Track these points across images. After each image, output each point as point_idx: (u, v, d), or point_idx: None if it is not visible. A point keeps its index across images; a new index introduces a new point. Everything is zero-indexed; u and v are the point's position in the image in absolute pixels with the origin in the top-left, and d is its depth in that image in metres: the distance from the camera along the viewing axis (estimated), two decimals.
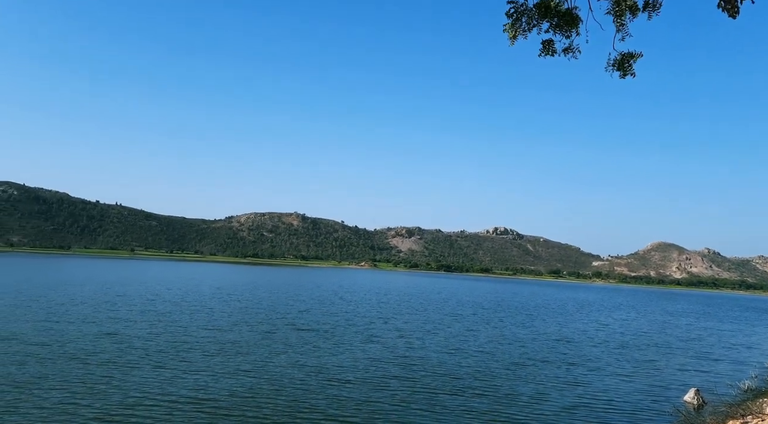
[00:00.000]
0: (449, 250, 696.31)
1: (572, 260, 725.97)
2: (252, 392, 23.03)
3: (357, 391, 24.41)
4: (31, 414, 18.23)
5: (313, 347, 35.16)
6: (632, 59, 13.01)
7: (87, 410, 19.04)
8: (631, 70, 13.12)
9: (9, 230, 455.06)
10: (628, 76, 13.27)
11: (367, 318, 55.83)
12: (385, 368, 29.76)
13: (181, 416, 19.20)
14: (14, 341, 30.38)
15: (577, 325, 64.96)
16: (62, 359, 26.79)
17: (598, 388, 28.80)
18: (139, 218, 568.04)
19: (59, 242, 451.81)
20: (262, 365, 28.61)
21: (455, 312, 71.41)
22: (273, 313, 55.03)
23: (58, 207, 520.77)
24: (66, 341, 31.36)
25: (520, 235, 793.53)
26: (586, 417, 22.90)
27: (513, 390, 26.66)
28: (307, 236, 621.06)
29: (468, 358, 34.98)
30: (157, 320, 43.23)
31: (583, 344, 46.76)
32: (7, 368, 24.27)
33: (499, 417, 21.83)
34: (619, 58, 13.04)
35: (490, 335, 48.54)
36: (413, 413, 21.59)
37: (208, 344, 33.61)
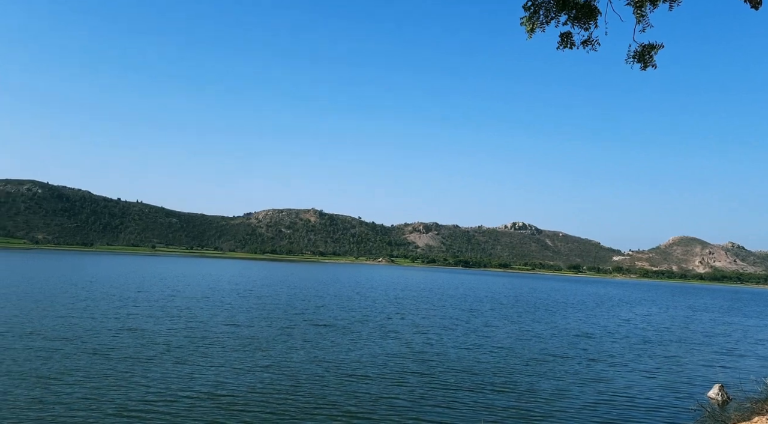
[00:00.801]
0: (467, 245, 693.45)
1: (592, 255, 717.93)
2: (271, 387, 23.14)
3: (375, 386, 24.40)
4: (55, 408, 18.56)
5: (331, 343, 35.25)
6: (653, 51, 12.71)
7: (108, 404, 19.31)
8: (652, 62, 12.82)
9: (34, 228, 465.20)
10: (649, 68, 12.98)
11: (384, 314, 55.84)
12: (403, 364, 29.71)
13: (201, 411, 19.37)
14: (39, 337, 30.98)
15: (598, 320, 64.17)
16: (85, 354, 27.24)
17: (619, 384, 28.39)
18: (159, 215, 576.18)
19: (82, 239, 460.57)
20: (281, 360, 28.76)
21: (473, 308, 71.07)
22: (291, 309, 55.34)
23: (81, 205, 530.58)
24: (88, 337, 31.90)
25: (539, 230, 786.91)
26: (607, 413, 22.58)
27: (533, 386, 26.40)
28: (324, 232, 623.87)
29: (486, 354, 34.76)
30: (177, 316, 43.76)
31: (603, 339, 46.17)
32: (33, 362, 24.75)
33: (518, 413, 21.63)
34: (640, 50, 12.75)
35: (509, 330, 48.19)
36: (431, 409, 21.50)
37: (227, 340, 33.91)
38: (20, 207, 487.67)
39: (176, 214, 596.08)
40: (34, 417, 17.56)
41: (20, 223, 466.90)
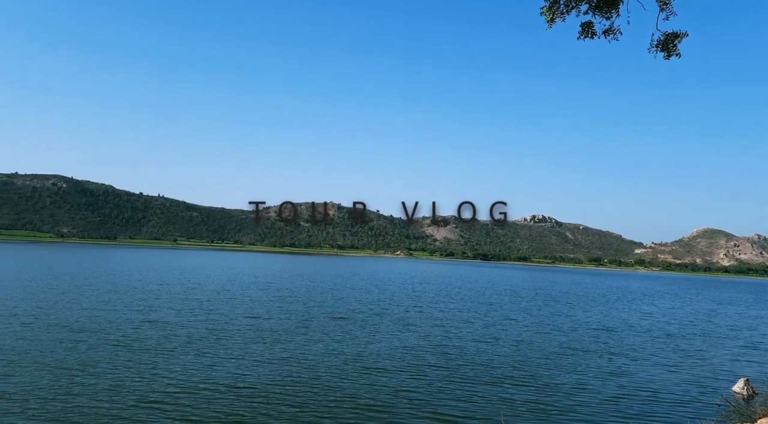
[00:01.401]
0: (486, 238, 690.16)
1: (613, 248, 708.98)
2: (290, 379, 23.32)
3: (394, 379, 24.42)
4: (80, 398, 18.94)
5: (350, 336, 35.38)
6: (677, 39, 12.44)
7: (130, 395, 19.65)
8: (675, 51, 12.55)
9: (59, 222, 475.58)
10: (672, 57, 12.70)
11: (402, 307, 55.89)
12: (422, 357, 29.69)
13: (221, 403, 19.61)
14: (64, 328, 31.67)
15: (619, 314, 63.38)
16: (108, 345, 27.76)
17: (642, 378, 27.99)
18: (180, 208, 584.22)
19: (106, 233, 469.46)
20: (300, 352, 28.96)
21: (492, 301, 70.75)
22: (310, 301, 55.69)
23: (104, 199, 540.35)
24: (112, 329, 32.50)
25: (559, 222, 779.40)
26: (629, 408, 22.28)
27: (553, 380, 26.17)
28: (343, 225, 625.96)
29: (505, 347, 34.57)
30: (198, 308, 44.35)
31: (625, 333, 45.57)
32: (59, 353, 25.30)
33: (538, 407, 21.46)
34: (663, 39, 12.47)
35: (528, 324, 47.86)
36: (450, 402, 21.45)
37: (247, 332, 34.26)
38: (46, 201, 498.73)
39: (197, 208, 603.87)
40: (60, 407, 17.95)
41: (46, 217, 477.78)
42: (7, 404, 17.93)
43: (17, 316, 35.23)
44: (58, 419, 16.89)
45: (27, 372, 21.77)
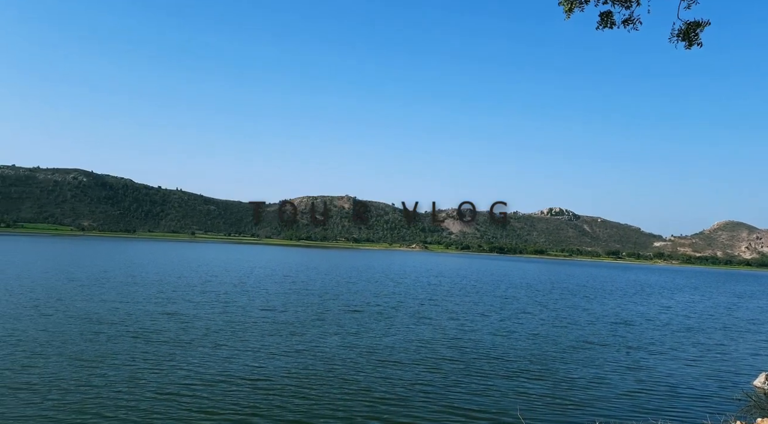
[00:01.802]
0: (501, 231, 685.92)
1: (632, 241, 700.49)
2: (305, 371, 23.41)
3: (409, 372, 24.40)
4: (99, 388, 19.23)
5: (365, 328, 35.44)
6: (699, 28, 12.08)
7: (149, 386, 19.89)
8: (697, 40, 12.20)
9: (80, 215, 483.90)
10: (694, 47, 12.37)
11: (418, 300, 55.83)
12: (437, 350, 29.62)
13: (238, 393, 19.76)
14: (86, 320, 32.18)
15: (638, 307, 62.61)
16: (127, 337, 28.15)
17: (661, 372, 27.61)
18: (198, 202, 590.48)
19: (125, 226, 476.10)
20: (316, 345, 29.08)
21: (508, 294, 70.36)
22: (325, 294, 55.91)
23: (124, 193, 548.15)
24: (131, 321, 32.95)
25: (576, 215, 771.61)
26: (648, 402, 21.99)
27: (569, 374, 25.93)
28: (358, 218, 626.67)
29: (521, 341, 34.33)
30: (215, 301, 44.77)
31: (643, 327, 44.99)
32: (80, 345, 25.72)
33: (555, 402, 21.27)
34: (685, 28, 12.13)
35: (545, 317, 47.49)
36: (466, 395, 21.35)
37: (263, 324, 34.49)
38: (67, 195, 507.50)
39: (214, 201, 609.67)
40: (80, 398, 18.23)
41: (67, 210, 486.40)
42: (29, 394, 18.27)
43: (39, 308, 35.90)
44: (79, 409, 17.16)
45: (48, 363, 22.16)
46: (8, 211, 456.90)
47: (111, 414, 16.91)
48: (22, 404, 17.30)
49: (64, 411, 16.88)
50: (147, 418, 16.81)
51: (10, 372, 20.51)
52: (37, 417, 16.32)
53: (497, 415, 19.18)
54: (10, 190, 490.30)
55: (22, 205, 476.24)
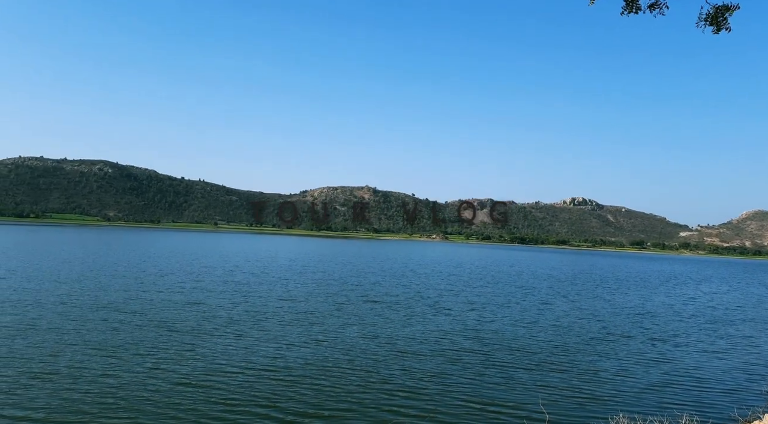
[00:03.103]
0: (523, 222, 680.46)
1: (657, 231, 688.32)
2: (325, 362, 23.45)
3: (429, 363, 24.26)
4: (124, 377, 19.52)
5: (385, 319, 35.39)
6: (728, 12, 11.63)
7: (172, 376, 20.12)
8: (726, 25, 11.77)
9: (106, 206, 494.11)
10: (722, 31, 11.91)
11: (437, 290, 55.62)
12: (457, 341, 29.42)
13: (258, 383, 19.86)
14: (111, 310, 32.75)
15: (662, 298, 61.45)
16: (151, 326, 28.55)
17: (687, 365, 27.00)
18: (220, 193, 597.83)
19: (150, 216, 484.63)
20: (336, 335, 29.12)
21: (529, 285, 69.70)
22: (345, 285, 56.05)
23: (148, 184, 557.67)
24: (155, 310, 33.43)
25: (600, 205, 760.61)
26: (674, 395, 21.50)
27: (593, 366, 25.51)
28: (378, 209, 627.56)
29: (543, 332, 33.91)
30: (237, 290, 45.20)
31: (668, 318, 44.10)
32: (106, 334, 26.16)
33: (579, 394, 20.92)
34: (713, 12, 11.68)
35: (567, 308, 46.89)
36: (487, 387, 21.13)
37: (284, 314, 34.69)
38: (93, 186, 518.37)
39: (236, 192, 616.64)
40: (104, 386, 18.52)
41: (93, 201, 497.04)
42: (56, 383, 18.62)
43: (65, 297, 36.65)
44: (104, 398, 17.44)
45: (75, 352, 22.58)
46: (37, 201, 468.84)
47: (134, 403, 17.13)
48: (50, 392, 17.64)
49: (90, 400, 17.16)
50: (169, 407, 16.99)
51: (38, 361, 20.94)
52: (65, 405, 16.62)
53: (519, 407, 18.94)
54: (39, 181, 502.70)
55: (50, 195, 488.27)
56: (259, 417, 16.70)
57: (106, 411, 16.32)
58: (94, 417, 15.82)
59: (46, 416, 15.72)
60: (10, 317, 28.66)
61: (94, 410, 16.37)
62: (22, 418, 15.48)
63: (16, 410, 15.98)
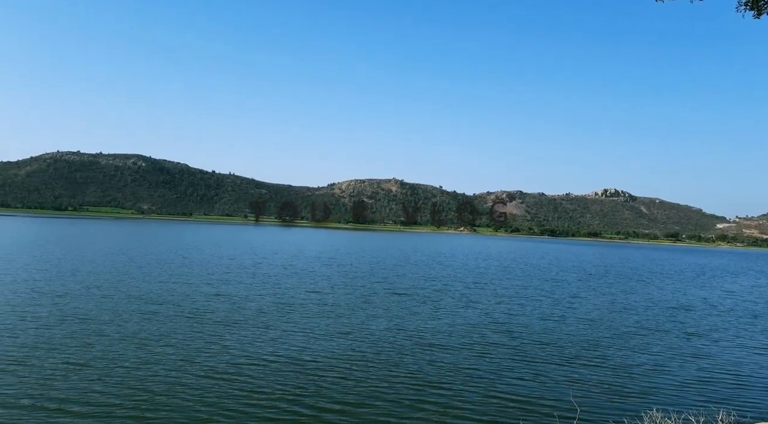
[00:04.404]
0: (553, 214, 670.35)
1: (693, 223, 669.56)
2: (352, 354, 23.46)
3: (456, 356, 24.03)
4: (156, 367, 19.89)
5: (411, 311, 35.26)
6: None
7: (200, 367, 20.41)
8: (767, 9, 11.18)
9: (140, 199, 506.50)
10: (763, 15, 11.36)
11: (464, 283, 55.20)
12: (485, 335, 29.09)
13: (286, 374, 19.98)
14: (142, 300, 33.48)
15: (698, 292, 59.71)
16: (182, 317, 29.06)
17: (725, 360, 26.11)
18: (250, 186, 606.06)
19: (182, 209, 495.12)
20: (362, 328, 29.13)
21: (559, 278, 68.59)
22: (371, 277, 56.10)
23: (180, 177, 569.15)
24: (185, 301, 34.03)
25: (633, 196, 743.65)
26: (714, 392, 20.79)
27: (625, 361, 24.88)
28: (406, 201, 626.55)
29: (573, 326, 33.27)
30: (265, 282, 45.70)
31: (705, 312, 42.80)
32: (137, 324, 26.73)
33: (611, 389, 20.42)
34: None
35: (598, 302, 45.95)
36: (515, 381, 20.80)
37: (310, 306, 34.89)
38: (127, 180, 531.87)
39: (265, 185, 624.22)
40: (137, 376, 18.90)
41: (128, 194, 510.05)
42: (91, 372, 19.09)
43: (100, 288, 37.64)
44: (136, 387, 17.79)
45: (109, 341, 23.13)
46: (74, 195, 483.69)
47: (165, 393, 17.42)
48: (85, 381, 18.09)
49: (123, 389, 17.53)
50: (198, 397, 17.22)
51: (75, 350, 21.51)
52: (99, 394, 17.01)
53: (549, 402, 18.58)
54: (76, 175, 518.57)
55: (86, 189, 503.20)
56: (287, 409, 16.79)
57: (138, 400, 16.63)
58: (127, 406, 16.14)
59: (83, 404, 16.10)
60: (48, 308, 29.55)
61: (126, 399, 16.71)
62: (61, 407, 15.90)
63: (53, 400, 16.42)
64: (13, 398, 16.13)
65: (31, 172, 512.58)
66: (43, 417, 15.03)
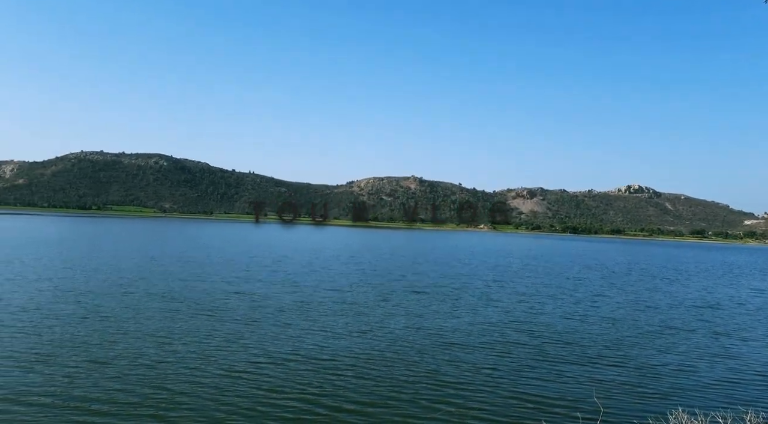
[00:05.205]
0: (575, 211, 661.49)
1: (719, 219, 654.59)
2: (371, 352, 23.35)
3: (476, 355, 23.76)
4: (177, 364, 20.04)
5: (430, 310, 35.03)
6: None
7: (221, 363, 20.51)
8: None
9: (162, 198, 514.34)
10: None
11: (484, 281, 54.72)
12: (505, 334, 28.73)
13: (304, 373, 19.95)
14: (163, 298, 33.86)
15: (726, 290, 58.28)
16: (201, 315, 29.29)
17: (755, 361, 25.35)
18: (270, 184, 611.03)
19: (203, 208, 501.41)
20: (381, 326, 29.00)
21: (581, 276, 67.61)
22: (390, 275, 55.96)
23: (201, 176, 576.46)
24: (205, 300, 34.32)
25: (657, 192, 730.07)
26: (744, 394, 20.17)
27: (650, 361, 24.31)
28: (424, 199, 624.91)
29: (596, 325, 32.68)
30: (284, 280, 45.90)
31: (733, 311, 41.71)
32: (159, 322, 27.02)
33: (636, 391, 19.94)
34: None
35: (621, 300, 45.12)
36: (536, 381, 20.46)
37: (329, 304, 34.90)
38: (149, 179, 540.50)
39: (285, 183, 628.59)
40: (157, 374, 19.06)
41: (150, 193, 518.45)
42: (114, 368, 19.32)
43: (124, 286, 38.19)
44: (157, 385, 17.93)
45: (131, 339, 23.40)
46: (98, 194, 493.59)
47: (186, 390, 17.53)
48: (108, 377, 18.31)
49: (144, 388, 17.66)
50: (217, 395, 17.29)
51: (97, 347, 21.80)
52: (122, 390, 17.19)
53: (571, 403, 18.21)
54: (99, 174, 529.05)
55: (110, 188, 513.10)
56: (305, 409, 16.73)
57: (157, 399, 16.74)
58: (146, 404, 16.25)
59: (106, 400, 16.28)
60: (74, 306, 30.05)
61: (150, 394, 16.86)
62: (82, 405, 16.08)
63: (75, 399, 16.61)
64: (36, 396, 16.37)
65: (56, 172, 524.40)
66: (65, 415, 15.21)
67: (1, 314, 26.92)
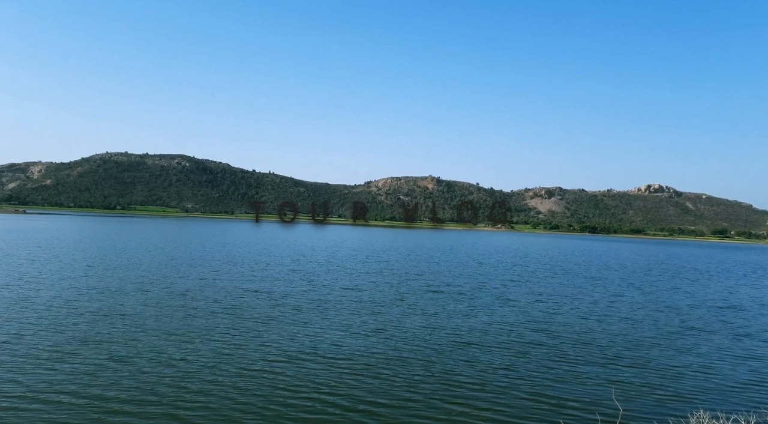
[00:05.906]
0: (594, 210, 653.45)
1: (742, 219, 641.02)
2: (387, 351, 23.42)
3: (492, 356, 23.68)
4: (195, 363, 20.36)
5: (447, 309, 34.97)
6: None
7: (238, 362, 20.77)
8: None
9: (184, 198, 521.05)
10: None
11: (502, 281, 54.41)
12: (523, 334, 28.58)
13: (320, 371, 20.10)
14: (184, 297, 34.35)
15: (748, 291, 57.13)
16: (222, 314, 29.66)
17: None
18: (289, 184, 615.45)
19: (224, 208, 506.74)
20: (398, 325, 29.06)
21: (600, 276, 66.82)
22: (407, 274, 55.96)
23: (222, 176, 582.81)
24: (227, 298, 34.73)
25: (678, 192, 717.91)
26: (764, 394, 19.82)
27: (670, 362, 23.99)
28: (442, 198, 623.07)
29: (615, 325, 32.32)
30: (303, 279, 46.21)
31: (756, 312, 40.89)
32: (179, 321, 27.44)
33: (655, 392, 19.71)
34: None
35: (641, 301, 44.52)
36: (553, 382, 20.32)
37: (347, 303, 35.05)
38: (172, 179, 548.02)
39: (304, 183, 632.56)
40: (176, 372, 19.38)
41: (173, 193, 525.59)
42: (135, 366, 19.71)
43: (144, 284, 38.82)
44: (177, 382, 18.24)
45: (150, 338, 23.81)
46: (122, 194, 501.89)
47: (204, 387, 17.81)
48: (130, 374, 18.68)
49: (165, 383, 18.01)
50: (234, 393, 17.52)
51: (117, 346, 22.22)
52: (143, 387, 17.53)
53: (589, 404, 18.08)
54: (124, 175, 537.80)
55: (134, 188, 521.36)
56: (323, 405, 16.89)
57: (180, 393, 17.05)
58: (169, 399, 16.57)
59: (126, 399, 16.60)
60: (97, 304, 30.67)
61: (169, 392, 17.16)
62: (106, 403, 16.44)
63: (95, 398, 16.97)
64: (55, 393, 16.75)
65: (82, 173, 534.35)
66: (86, 412, 15.55)
67: (27, 312, 27.61)
